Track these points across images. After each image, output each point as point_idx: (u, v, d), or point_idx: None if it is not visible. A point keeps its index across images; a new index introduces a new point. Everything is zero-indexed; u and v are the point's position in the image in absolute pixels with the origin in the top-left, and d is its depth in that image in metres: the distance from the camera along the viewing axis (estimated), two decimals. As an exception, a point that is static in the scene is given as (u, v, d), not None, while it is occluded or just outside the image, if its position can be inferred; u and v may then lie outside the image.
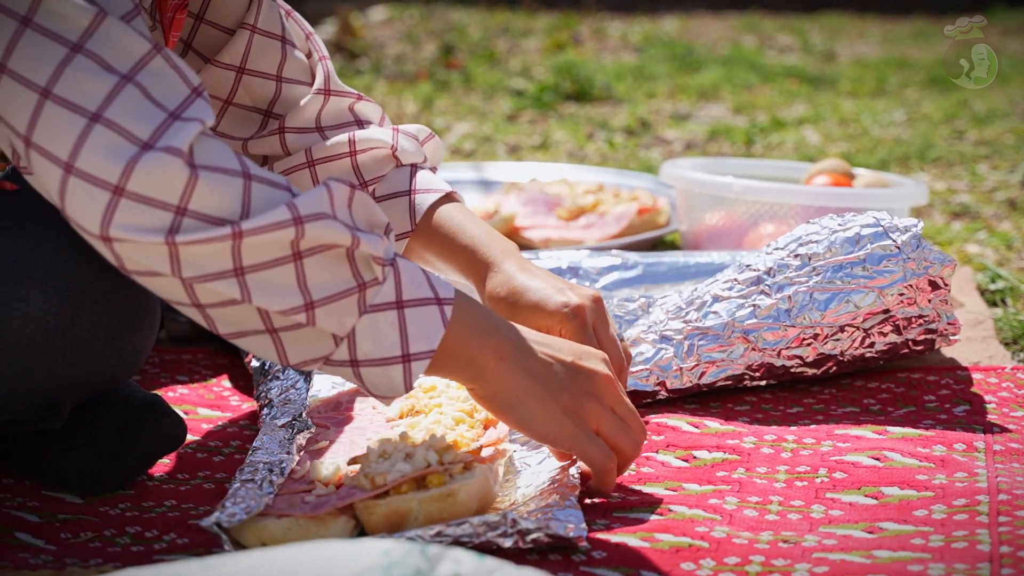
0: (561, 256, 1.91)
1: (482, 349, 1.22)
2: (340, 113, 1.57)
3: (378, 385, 1.20)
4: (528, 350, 1.25)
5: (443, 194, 1.52)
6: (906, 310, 1.60)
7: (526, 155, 3.26)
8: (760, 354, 1.59)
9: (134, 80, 1.12)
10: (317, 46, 1.60)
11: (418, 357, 1.19)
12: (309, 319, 1.15)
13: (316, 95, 1.55)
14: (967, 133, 3.46)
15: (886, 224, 1.61)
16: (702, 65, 4.61)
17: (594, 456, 1.27)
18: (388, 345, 1.18)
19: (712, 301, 1.61)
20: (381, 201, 1.53)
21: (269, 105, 1.56)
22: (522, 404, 1.24)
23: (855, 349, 1.61)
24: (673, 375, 1.59)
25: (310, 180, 1.55)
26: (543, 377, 1.25)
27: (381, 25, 5.79)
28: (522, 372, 1.24)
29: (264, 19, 1.53)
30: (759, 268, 1.62)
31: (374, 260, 1.17)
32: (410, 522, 1.22)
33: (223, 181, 1.12)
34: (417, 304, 1.19)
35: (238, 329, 1.17)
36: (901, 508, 1.30)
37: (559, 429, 1.25)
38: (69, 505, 1.36)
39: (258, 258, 1.13)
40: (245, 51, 1.52)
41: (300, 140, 1.55)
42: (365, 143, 1.53)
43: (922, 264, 1.59)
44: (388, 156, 1.54)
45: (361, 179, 1.53)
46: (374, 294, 1.17)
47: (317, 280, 1.15)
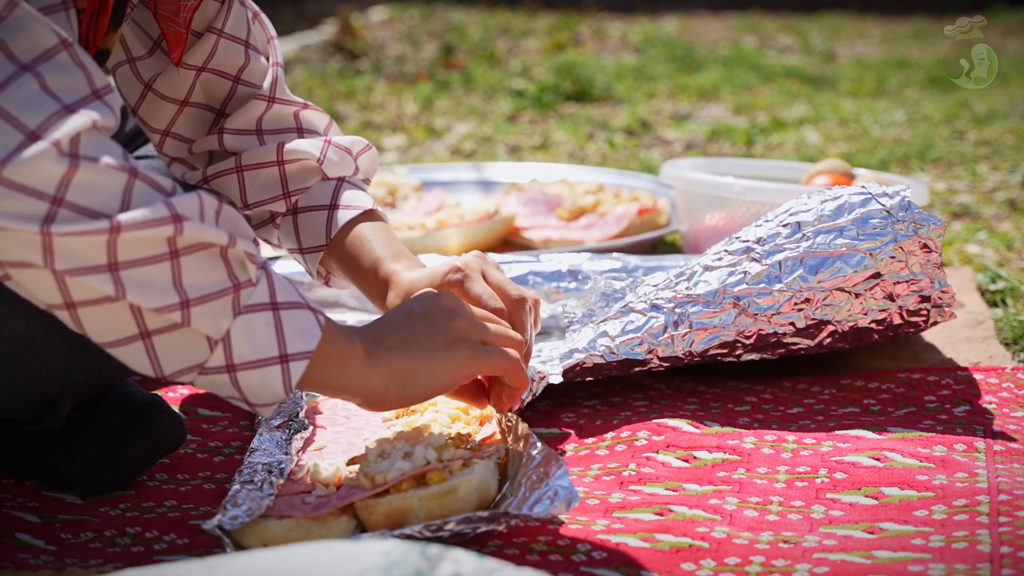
0: (561, 259, 1.91)
1: (352, 352, 1.21)
2: (282, 118, 1.56)
3: (256, 392, 1.16)
4: (383, 328, 1.25)
5: (362, 211, 1.51)
6: (897, 274, 1.59)
7: (526, 155, 3.26)
8: (752, 319, 1.59)
9: (34, 70, 1.09)
10: (274, 50, 1.59)
11: (296, 357, 1.16)
12: (184, 319, 1.12)
13: (258, 100, 1.54)
14: (967, 133, 3.46)
15: (874, 191, 1.61)
16: (702, 65, 4.62)
17: (500, 363, 1.27)
18: (264, 345, 1.15)
19: (702, 271, 1.62)
20: (302, 212, 1.53)
21: (223, 104, 1.55)
22: (414, 374, 1.23)
23: (848, 316, 1.60)
24: (664, 343, 1.59)
25: (237, 185, 1.54)
26: (408, 340, 1.24)
27: (381, 25, 5.79)
28: (389, 355, 1.23)
29: (232, 24, 1.52)
30: (749, 238, 1.62)
31: (249, 259, 1.15)
32: (411, 520, 1.22)
33: (105, 175, 1.09)
34: (292, 307, 1.17)
35: (109, 335, 1.13)
36: (901, 508, 1.30)
37: (458, 364, 1.25)
38: (69, 505, 1.36)
39: (134, 254, 1.10)
40: (210, 54, 1.52)
41: (237, 141, 1.54)
42: (292, 154, 1.52)
43: (911, 226, 1.59)
44: (315, 168, 1.53)
45: (286, 189, 1.52)
46: (248, 295, 1.15)
47: (193, 279, 1.12)
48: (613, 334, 1.60)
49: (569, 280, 1.89)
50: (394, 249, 1.47)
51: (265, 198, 1.53)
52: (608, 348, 1.59)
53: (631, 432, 1.49)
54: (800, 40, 5.33)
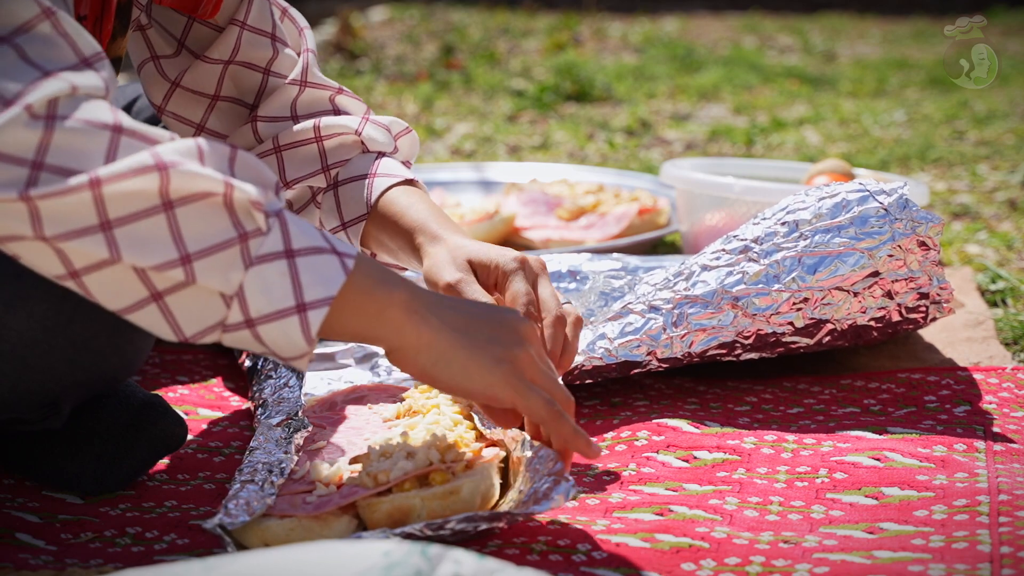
0: (561, 259, 1.91)
1: (390, 301, 1.14)
2: (317, 102, 1.54)
3: (280, 345, 1.11)
4: (442, 303, 1.18)
5: (402, 179, 1.47)
6: (896, 272, 1.59)
7: (526, 155, 3.26)
8: (750, 320, 1.59)
9: (12, 42, 1.06)
10: (305, 40, 1.58)
11: (315, 305, 1.10)
12: (188, 275, 1.07)
13: (290, 85, 1.53)
14: (967, 133, 3.46)
15: (872, 188, 1.61)
16: (702, 66, 4.62)
17: (538, 405, 1.19)
18: (280, 296, 1.09)
19: (700, 271, 1.61)
20: (342, 185, 1.49)
21: (256, 97, 1.54)
22: (450, 360, 1.16)
23: (847, 314, 1.60)
24: (663, 344, 1.59)
25: (276, 166, 1.51)
26: (465, 328, 1.17)
27: (381, 25, 5.79)
28: (440, 325, 1.16)
29: (255, 16, 1.52)
30: (746, 237, 1.62)
31: (254, 207, 1.09)
32: (413, 520, 1.22)
33: (86, 133, 1.05)
34: (310, 252, 1.10)
35: (121, 301, 1.09)
36: (901, 508, 1.30)
37: (497, 381, 1.17)
38: (70, 506, 1.36)
39: (124, 209, 1.05)
40: (235, 47, 1.51)
41: (271, 128, 1.52)
42: (330, 129, 1.50)
43: (909, 224, 1.59)
44: (355, 142, 1.50)
45: (325, 163, 1.50)
46: (258, 245, 1.09)
47: (192, 231, 1.07)
48: (612, 336, 1.60)
49: (569, 280, 1.89)
50: (439, 215, 1.42)
51: (304, 174, 1.51)
52: (607, 350, 1.59)
53: (631, 432, 1.49)
54: (800, 40, 5.33)
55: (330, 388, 1.63)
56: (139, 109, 1.81)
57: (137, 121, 1.10)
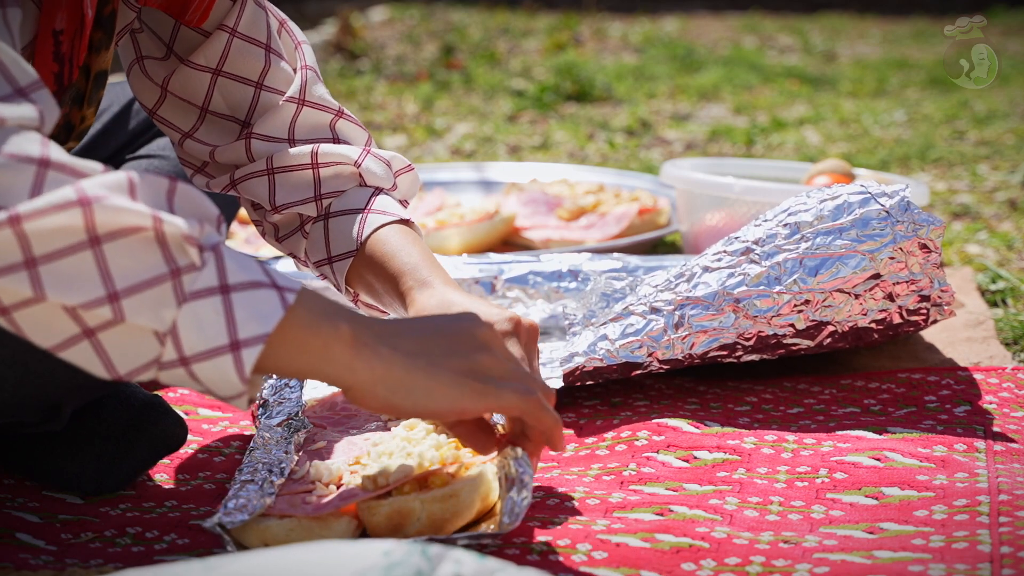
0: (562, 259, 1.91)
1: (335, 336, 1.08)
2: (316, 127, 1.49)
3: (216, 384, 1.06)
4: (391, 329, 1.12)
5: (396, 219, 1.42)
6: (897, 274, 1.59)
7: (527, 155, 3.26)
8: (751, 322, 1.59)
9: None
10: (302, 55, 1.52)
11: (249, 343, 1.04)
12: (116, 313, 1.02)
13: (287, 103, 1.47)
14: (967, 133, 3.47)
15: (874, 190, 1.61)
16: (702, 66, 4.62)
17: (512, 398, 1.14)
18: (213, 333, 1.04)
19: (701, 272, 1.61)
20: (333, 217, 1.45)
21: (247, 114, 1.49)
22: (410, 386, 1.11)
23: (848, 316, 1.60)
24: (664, 346, 1.59)
25: (267, 188, 1.47)
26: (419, 350, 1.12)
27: (381, 25, 5.79)
28: (392, 353, 1.11)
29: (246, 24, 1.46)
30: (748, 239, 1.62)
31: (187, 241, 1.04)
32: (412, 522, 1.22)
33: (10, 168, 1.00)
34: (247, 287, 1.05)
35: (52, 338, 1.04)
36: (902, 508, 1.30)
37: (464, 394, 1.12)
38: (70, 506, 1.36)
39: (49, 246, 1.00)
40: (223, 54, 1.46)
41: (266, 147, 1.47)
42: (328, 157, 1.45)
43: (911, 227, 1.59)
44: (352, 174, 1.46)
45: (319, 192, 1.45)
46: (192, 280, 1.04)
47: (120, 267, 1.02)
48: (613, 337, 1.60)
49: (569, 280, 1.89)
50: (431, 262, 1.38)
51: (294, 200, 1.46)
52: (608, 351, 1.59)
53: (631, 432, 1.49)
54: (800, 40, 5.34)
55: (331, 388, 1.63)
56: (138, 108, 1.81)
57: (68, 154, 1.05)
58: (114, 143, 1.80)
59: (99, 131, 1.79)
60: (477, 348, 1.14)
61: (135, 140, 1.81)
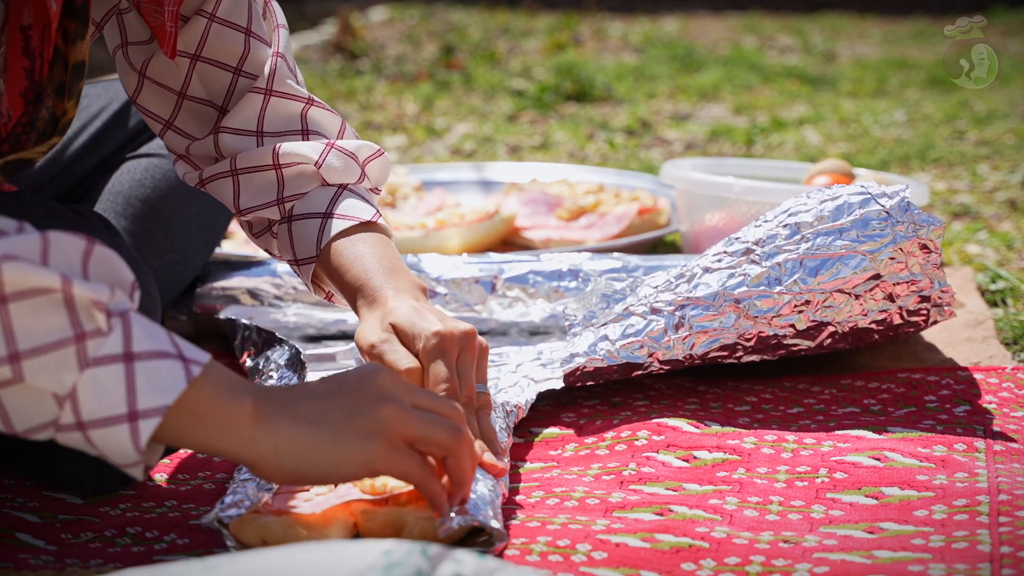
0: (562, 259, 1.91)
1: (237, 412, 1.07)
2: (286, 118, 1.46)
3: (113, 451, 1.04)
4: (294, 395, 1.11)
5: (358, 222, 1.41)
6: (897, 275, 1.59)
7: (527, 155, 3.26)
8: (752, 322, 1.59)
9: None
10: (278, 39, 1.48)
11: (148, 414, 1.03)
12: (16, 374, 1.01)
13: (254, 93, 1.45)
14: (967, 133, 3.47)
15: (874, 191, 1.61)
16: (702, 65, 4.62)
17: (412, 470, 1.13)
18: (112, 402, 1.02)
19: (702, 273, 1.61)
20: (296, 220, 1.43)
21: (224, 99, 1.47)
22: (316, 454, 1.09)
23: (849, 317, 1.60)
24: (665, 346, 1.59)
25: (232, 190, 1.46)
26: (322, 415, 1.10)
27: (381, 25, 5.79)
28: (293, 423, 1.09)
29: (226, 8, 1.44)
30: (748, 240, 1.62)
31: (95, 306, 1.03)
32: (404, 535, 1.22)
33: None
34: (152, 357, 1.04)
35: None
36: (901, 508, 1.30)
37: (372, 456, 1.10)
38: (70, 506, 1.36)
39: None
40: (201, 39, 1.43)
41: (235, 142, 1.45)
42: (288, 157, 1.43)
43: (911, 227, 1.59)
44: (314, 174, 1.44)
45: (281, 195, 1.44)
46: (96, 346, 1.02)
47: (24, 328, 1.01)
48: (613, 338, 1.60)
49: (570, 279, 1.89)
50: (385, 270, 1.37)
51: (257, 204, 1.46)
52: (608, 352, 1.59)
53: (631, 432, 1.49)
54: (800, 40, 5.34)
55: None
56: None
57: None
58: (113, 142, 1.80)
59: (98, 130, 1.78)
60: (379, 402, 1.12)
61: (135, 138, 1.81)
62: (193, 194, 1.79)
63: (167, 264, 1.78)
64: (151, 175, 1.77)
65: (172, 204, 1.78)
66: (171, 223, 1.77)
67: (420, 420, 1.13)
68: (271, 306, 1.86)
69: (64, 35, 1.27)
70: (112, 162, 1.79)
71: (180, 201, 1.78)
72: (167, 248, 1.77)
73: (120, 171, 1.77)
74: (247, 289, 1.87)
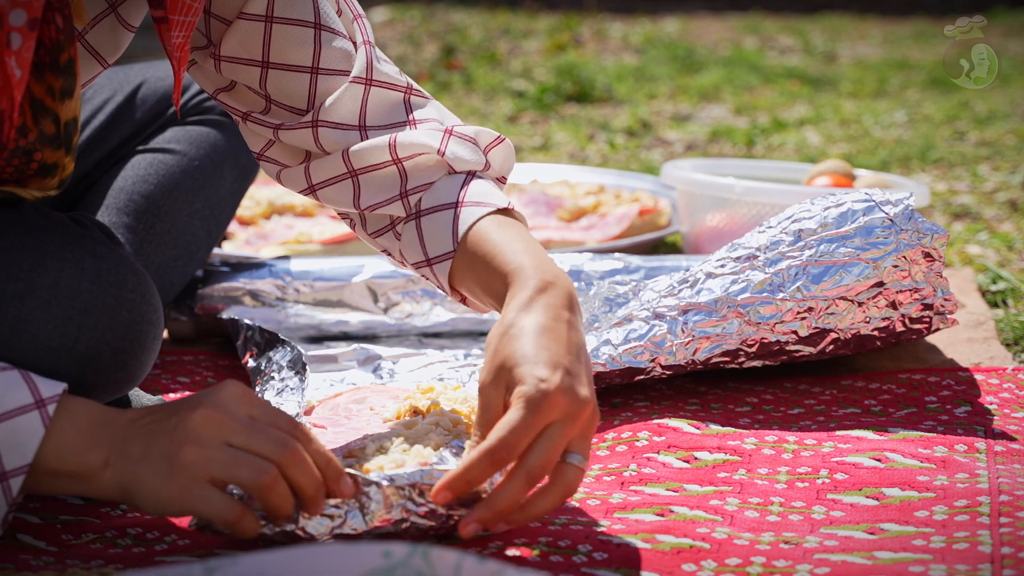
0: (563, 259, 1.91)
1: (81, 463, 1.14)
2: (390, 110, 1.38)
3: None
4: (128, 437, 1.15)
5: (493, 208, 1.30)
6: (900, 283, 1.59)
7: (527, 156, 3.26)
8: (754, 328, 1.59)
9: None
10: (363, 28, 1.39)
11: (15, 473, 1.12)
12: None
13: (354, 84, 1.36)
14: (968, 134, 3.47)
15: (878, 198, 1.61)
16: (703, 66, 4.62)
17: (216, 509, 1.13)
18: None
19: (705, 278, 1.62)
20: (425, 215, 1.33)
21: (308, 102, 1.37)
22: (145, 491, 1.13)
23: (851, 324, 1.60)
24: (667, 351, 1.59)
25: (352, 192, 1.37)
26: (147, 454, 1.14)
27: (382, 26, 5.79)
28: (125, 463, 1.14)
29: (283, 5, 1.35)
30: (752, 246, 1.62)
31: None
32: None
33: None
34: (10, 416, 1.11)
35: None
36: (902, 509, 1.30)
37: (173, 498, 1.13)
38: (70, 507, 1.36)
39: None
40: (264, 43, 1.35)
41: (337, 137, 1.36)
42: (408, 148, 1.34)
43: (915, 235, 1.59)
44: (438, 162, 1.34)
45: (404, 188, 1.34)
46: None
47: None
48: (616, 342, 1.60)
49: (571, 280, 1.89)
50: (536, 258, 1.24)
51: (380, 200, 1.36)
52: (611, 356, 1.59)
53: (632, 432, 1.49)
54: (801, 41, 5.34)
55: (332, 389, 1.63)
56: (143, 97, 1.79)
57: None
58: (119, 134, 1.78)
59: (104, 121, 1.77)
60: (181, 446, 1.13)
61: (143, 130, 1.80)
62: (197, 189, 1.78)
63: (170, 259, 1.77)
64: (155, 170, 1.76)
65: (175, 199, 1.77)
66: (174, 218, 1.76)
67: (222, 462, 1.13)
68: (273, 307, 1.86)
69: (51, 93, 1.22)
70: (119, 155, 1.78)
71: (184, 196, 1.77)
72: (170, 243, 1.76)
73: (125, 167, 1.76)
74: (249, 291, 1.87)
